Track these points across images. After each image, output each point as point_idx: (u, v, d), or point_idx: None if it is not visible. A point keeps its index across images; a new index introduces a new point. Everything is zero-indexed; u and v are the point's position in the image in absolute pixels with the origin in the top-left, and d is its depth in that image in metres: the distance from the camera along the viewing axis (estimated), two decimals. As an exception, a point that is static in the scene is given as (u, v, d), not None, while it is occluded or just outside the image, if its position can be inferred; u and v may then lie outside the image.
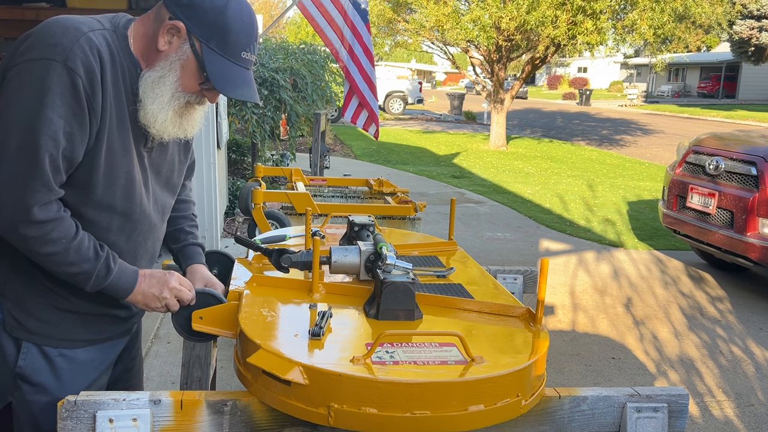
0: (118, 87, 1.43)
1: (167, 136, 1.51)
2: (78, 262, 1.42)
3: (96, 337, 1.60)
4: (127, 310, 1.65)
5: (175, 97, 1.46)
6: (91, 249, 1.44)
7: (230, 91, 1.46)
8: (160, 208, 1.64)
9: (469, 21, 13.46)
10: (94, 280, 1.45)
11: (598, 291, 5.24)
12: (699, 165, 5.57)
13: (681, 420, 1.41)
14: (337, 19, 5.68)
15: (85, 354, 1.58)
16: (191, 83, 1.46)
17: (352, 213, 2.74)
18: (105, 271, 1.46)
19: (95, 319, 1.58)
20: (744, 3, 27.69)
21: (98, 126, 1.40)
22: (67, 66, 1.32)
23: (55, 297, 1.51)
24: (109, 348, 1.65)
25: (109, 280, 1.47)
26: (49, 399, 1.52)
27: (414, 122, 22.85)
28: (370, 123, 5.95)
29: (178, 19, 1.41)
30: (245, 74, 1.48)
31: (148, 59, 1.46)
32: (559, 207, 8.57)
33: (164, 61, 1.44)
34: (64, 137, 1.34)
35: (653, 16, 12.49)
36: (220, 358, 2.70)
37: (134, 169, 1.50)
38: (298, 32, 36.42)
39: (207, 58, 1.42)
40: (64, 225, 1.39)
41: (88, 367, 1.59)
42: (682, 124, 24.45)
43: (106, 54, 1.39)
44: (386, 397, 1.16)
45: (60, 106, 1.32)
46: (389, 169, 11.41)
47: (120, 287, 1.50)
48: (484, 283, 1.77)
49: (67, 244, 1.39)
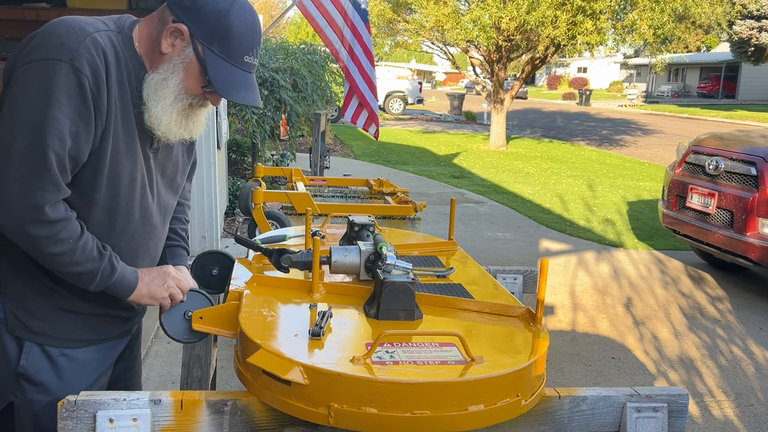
0: (124, 88, 1.43)
1: (173, 137, 1.52)
2: (83, 262, 1.42)
3: (98, 338, 1.60)
4: (128, 310, 1.65)
5: (178, 99, 1.46)
6: (95, 249, 1.44)
7: (232, 95, 1.46)
8: (162, 209, 1.65)
9: (469, 21, 13.46)
10: (99, 279, 1.46)
11: (598, 291, 5.24)
12: (699, 165, 5.57)
13: (681, 420, 1.41)
14: (337, 19, 5.68)
15: (87, 354, 1.58)
16: (194, 86, 1.47)
17: (352, 213, 2.74)
18: (110, 270, 1.47)
19: (97, 320, 1.59)
20: (744, 3, 27.67)
21: (103, 126, 1.40)
22: (73, 66, 1.32)
23: (57, 297, 1.51)
24: (110, 348, 1.65)
25: (114, 278, 1.48)
26: (51, 398, 1.52)
27: (414, 122, 22.85)
28: (370, 123, 5.95)
29: (181, 21, 1.41)
30: (248, 78, 1.48)
31: (152, 61, 1.46)
32: (559, 207, 8.57)
33: (167, 63, 1.45)
34: (70, 137, 1.34)
35: (653, 16, 12.49)
36: (220, 358, 2.71)
37: (138, 170, 1.51)
38: (298, 32, 36.44)
39: (209, 61, 1.42)
40: (72, 225, 1.40)
41: (90, 367, 1.60)
42: (682, 124, 24.45)
43: (111, 55, 1.40)
44: (386, 397, 1.16)
45: (66, 106, 1.32)
46: (389, 169, 11.41)
47: (124, 285, 1.51)
48: (484, 283, 1.77)
49: (73, 244, 1.40)
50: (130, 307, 1.65)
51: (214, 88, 1.45)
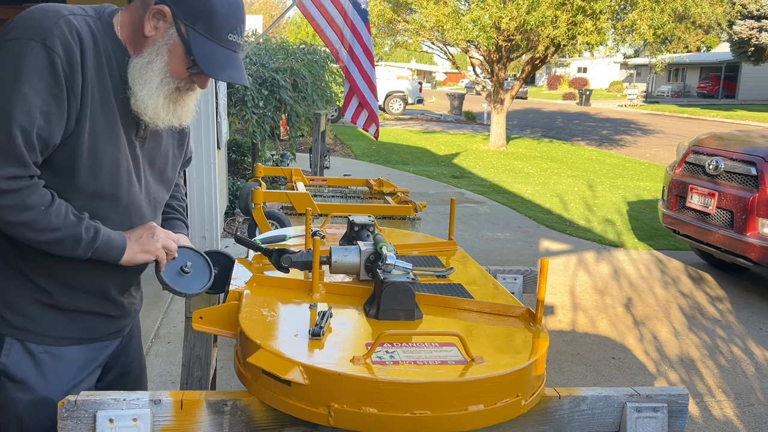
0: (102, 71, 1.41)
1: (161, 123, 1.50)
2: (61, 227, 1.39)
3: (83, 336, 1.57)
4: (117, 308, 1.63)
5: (164, 82, 1.45)
6: (71, 214, 1.42)
7: (217, 73, 1.44)
8: (152, 200, 1.62)
9: (469, 21, 13.46)
10: (85, 243, 1.42)
11: (598, 291, 5.24)
12: (699, 165, 5.57)
13: (681, 420, 1.41)
14: (337, 19, 5.68)
15: (72, 353, 1.55)
16: (179, 68, 1.45)
17: (352, 213, 2.74)
18: (93, 232, 1.43)
19: (82, 317, 1.56)
20: (744, 3, 27.68)
21: (78, 109, 1.38)
22: (45, 45, 1.31)
23: (38, 291, 1.49)
24: (99, 349, 1.62)
25: (99, 240, 1.44)
26: (33, 397, 1.50)
27: (414, 122, 22.84)
28: (370, 123, 5.95)
29: (163, 3, 1.41)
30: (232, 57, 1.46)
31: (136, 46, 1.45)
32: (559, 207, 8.57)
33: (151, 46, 1.43)
34: (40, 116, 1.32)
35: (653, 17, 12.49)
36: (220, 358, 2.71)
37: (122, 156, 1.48)
38: (298, 32, 36.45)
39: (193, 41, 1.41)
40: (40, 191, 1.37)
41: (76, 367, 1.56)
42: (682, 124, 24.45)
43: (87, 37, 1.38)
44: (386, 396, 1.16)
45: (37, 84, 1.31)
46: (389, 169, 11.41)
47: (112, 246, 1.47)
48: (484, 283, 1.77)
49: (45, 211, 1.37)
50: (118, 305, 1.62)
51: (199, 69, 1.43)
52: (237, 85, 6.76)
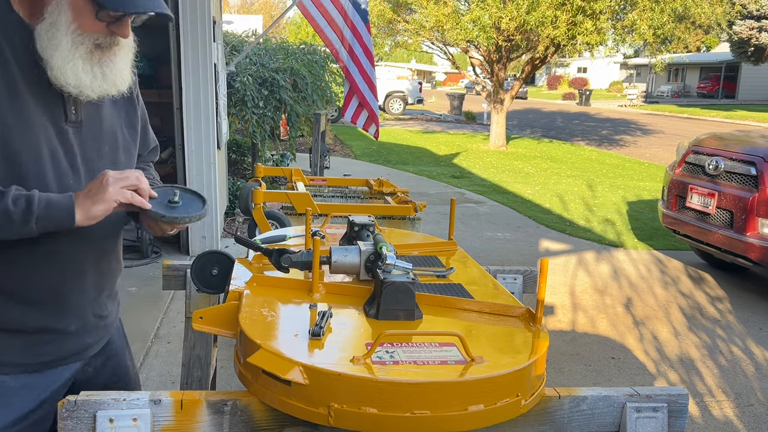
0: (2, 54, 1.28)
1: (91, 92, 1.33)
2: None
3: (29, 362, 1.38)
4: (77, 320, 1.44)
5: (77, 41, 1.29)
6: None
7: (128, 6, 1.27)
8: None
9: (469, 21, 13.46)
10: (19, 216, 1.24)
11: (597, 291, 5.24)
12: (699, 165, 5.57)
13: (681, 420, 1.41)
14: (337, 19, 5.69)
15: (16, 381, 1.37)
16: (88, 19, 1.29)
17: (352, 213, 2.74)
18: (25, 201, 1.25)
19: (29, 338, 1.37)
20: (744, 3, 27.68)
21: None
22: None
23: None
24: (51, 375, 1.43)
25: (36, 205, 1.25)
26: None
27: (414, 122, 22.84)
28: (370, 123, 5.96)
29: None
30: None
31: (36, 14, 1.30)
32: (558, 207, 8.57)
33: (50, 6, 1.29)
34: None
35: (653, 17, 12.49)
36: (220, 358, 2.71)
37: (43, 146, 1.32)
38: (298, 32, 36.46)
39: None
40: None
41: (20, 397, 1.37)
42: (682, 124, 24.45)
43: None
44: (386, 396, 1.16)
45: None
46: (389, 169, 11.41)
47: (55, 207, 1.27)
48: (484, 283, 1.77)
49: None
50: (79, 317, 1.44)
51: (109, 14, 1.28)
52: (237, 85, 6.75)
